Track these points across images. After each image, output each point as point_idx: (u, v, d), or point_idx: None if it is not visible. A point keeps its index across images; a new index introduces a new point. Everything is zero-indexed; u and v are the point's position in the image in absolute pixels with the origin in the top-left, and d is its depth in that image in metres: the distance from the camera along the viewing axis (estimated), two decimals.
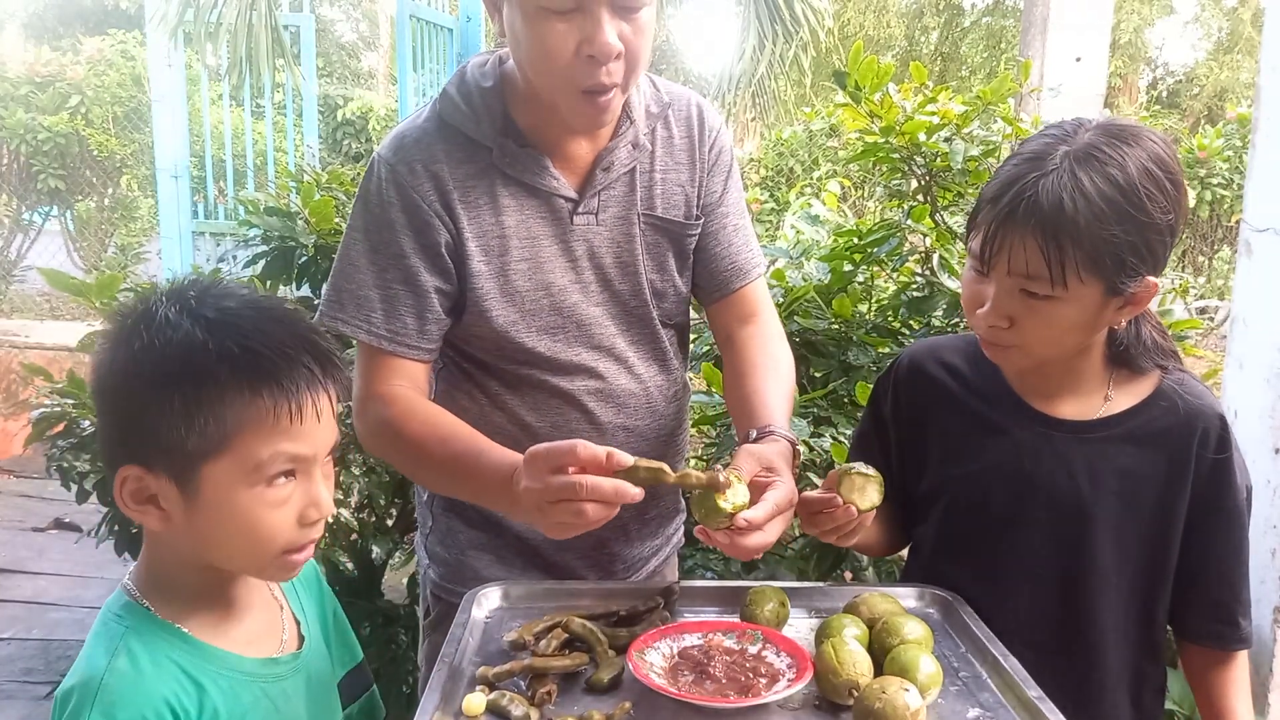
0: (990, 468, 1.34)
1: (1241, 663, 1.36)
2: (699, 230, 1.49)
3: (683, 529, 1.70)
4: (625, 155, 1.41)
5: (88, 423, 2.55)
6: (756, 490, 1.19)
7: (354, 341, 1.40)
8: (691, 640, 1.19)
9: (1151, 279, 1.22)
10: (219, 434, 0.96)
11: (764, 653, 1.16)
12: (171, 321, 0.97)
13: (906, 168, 2.34)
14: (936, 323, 2.30)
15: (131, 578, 1.05)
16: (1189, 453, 1.29)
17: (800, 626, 1.28)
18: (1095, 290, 1.19)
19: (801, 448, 1.85)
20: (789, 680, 1.10)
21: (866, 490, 1.23)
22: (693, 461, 2.29)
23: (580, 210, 1.39)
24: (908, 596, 1.34)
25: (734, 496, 1.15)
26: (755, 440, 1.31)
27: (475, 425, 1.38)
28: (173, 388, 0.95)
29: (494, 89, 1.38)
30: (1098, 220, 1.15)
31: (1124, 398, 1.32)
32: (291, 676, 1.08)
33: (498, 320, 1.38)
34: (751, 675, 1.11)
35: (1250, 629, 1.35)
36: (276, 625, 1.11)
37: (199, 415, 0.95)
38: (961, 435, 1.38)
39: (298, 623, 1.14)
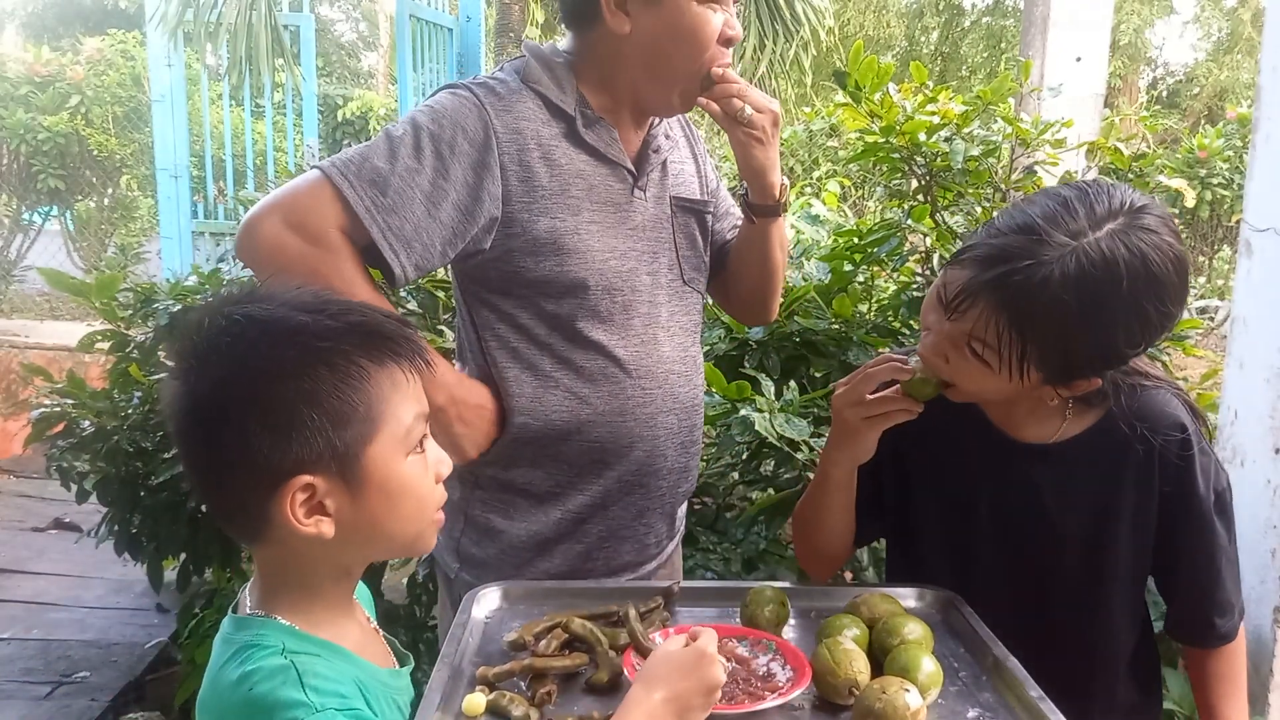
0: (960, 494, 1.34)
1: (1227, 657, 1.36)
2: (713, 208, 1.65)
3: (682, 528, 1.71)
4: (663, 142, 1.55)
5: (87, 423, 2.55)
6: None
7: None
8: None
9: (1096, 379, 1.23)
10: (372, 411, 0.94)
11: (772, 664, 1.15)
12: (280, 318, 0.94)
13: (907, 167, 2.34)
14: None
15: (255, 605, 0.99)
16: (1152, 463, 1.28)
17: (800, 627, 1.28)
18: (1035, 378, 1.19)
19: (803, 449, 1.86)
20: (786, 686, 1.10)
21: (925, 389, 1.26)
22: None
23: (639, 184, 1.49)
24: (908, 596, 1.34)
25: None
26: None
27: (529, 408, 1.44)
28: (317, 377, 0.92)
29: (565, 64, 1.46)
30: (1064, 333, 1.14)
31: (1084, 415, 1.31)
32: (406, 691, 1.07)
33: (572, 273, 1.42)
34: (752, 681, 1.11)
35: (1231, 625, 1.35)
36: (381, 646, 1.10)
37: (351, 397, 0.92)
38: (931, 460, 1.37)
39: (388, 643, 1.13)
